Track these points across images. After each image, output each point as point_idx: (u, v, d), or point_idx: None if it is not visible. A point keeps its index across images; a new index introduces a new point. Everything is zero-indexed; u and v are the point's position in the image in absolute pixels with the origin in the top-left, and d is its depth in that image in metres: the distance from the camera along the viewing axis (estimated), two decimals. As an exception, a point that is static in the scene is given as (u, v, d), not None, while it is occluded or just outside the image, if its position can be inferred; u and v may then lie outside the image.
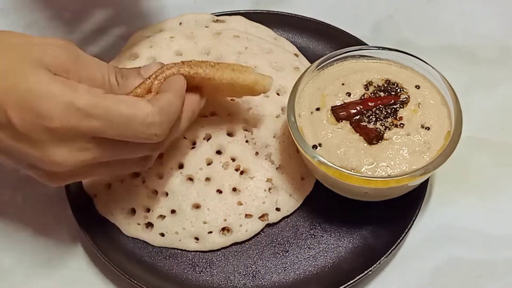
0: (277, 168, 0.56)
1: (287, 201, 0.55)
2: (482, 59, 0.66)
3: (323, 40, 0.65)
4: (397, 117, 0.52)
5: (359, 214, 0.54)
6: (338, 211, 0.55)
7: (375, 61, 0.56)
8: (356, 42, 0.63)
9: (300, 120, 0.53)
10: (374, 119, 0.52)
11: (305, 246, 0.54)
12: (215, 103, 0.57)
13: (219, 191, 0.55)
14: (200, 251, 0.54)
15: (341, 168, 0.50)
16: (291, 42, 0.65)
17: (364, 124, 0.52)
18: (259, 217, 0.54)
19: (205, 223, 0.54)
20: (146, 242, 0.54)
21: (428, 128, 0.52)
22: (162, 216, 0.54)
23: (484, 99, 0.63)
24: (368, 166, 0.50)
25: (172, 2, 0.70)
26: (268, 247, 0.54)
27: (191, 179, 0.55)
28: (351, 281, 0.50)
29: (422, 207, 0.54)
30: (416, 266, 0.53)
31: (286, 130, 0.57)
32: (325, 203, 0.55)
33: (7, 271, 0.54)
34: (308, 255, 0.53)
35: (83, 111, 0.41)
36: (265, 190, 0.55)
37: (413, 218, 0.53)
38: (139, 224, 0.54)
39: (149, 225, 0.54)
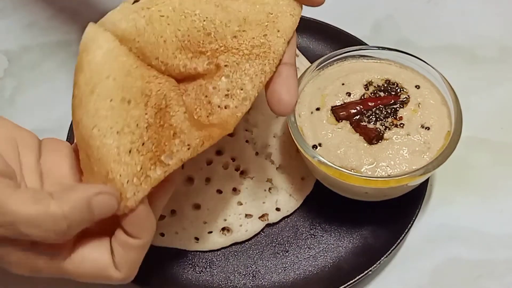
0: (277, 168, 0.56)
1: (287, 201, 0.55)
2: (482, 59, 0.66)
3: (323, 40, 0.65)
4: (397, 117, 0.52)
5: (359, 214, 0.54)
6: (338, 211, 0.55)
7: (375, 61, 0.56)
8: (356, 42, 0.63)
9: (300, 120, 0.53)
10: (374, 119, 0.52)
11: (305, 246, 0.54)
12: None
13: (219, 191, 0.55)
14: (200, 251, 0.54)
15: (341, 168, 0.50)
16: (291, 42, 0.65)
17: (364, 124, 0.52)
18: (259, 217, 0.54)
19: (205, 223, 0.54)
20: (146, 242, 0.54)
21: (428, 128, 0.52)
22: (162, 216, 0.54)
23: (484, 99, 0.63)
24: (368, 166, 0.50)
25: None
26: (268, 247, 0.54)
27: (191, 179, 0.55)
28: (351, 281, 0.50)
29: (422, 207, 0.54)
30: (416, 266, 0.53)
31: (286, 130, 0.57)
32: (325, 203, 0.55)
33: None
34: (308, 255, 0.53)
35: None
36: (265, 190, 0.55)
37: (413, 218, 0.53)
38: (139, 224, 0.54)
39: (149, 225, 0.54)
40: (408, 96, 0.53)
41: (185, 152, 0.40)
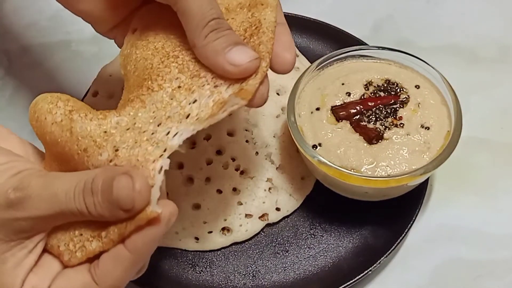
0: (277, 168, 0.56)
1: (287, 201, 0.55)
2: (482, 59, 0.66)
3: (323, 40, 0.65)
4: (397, 117, 0.52)
5: (359, 214, 0.54)
6: (338, 211, 0.55)
7: (375, 61, 0.56)
8: (356, 42, 0.63)
9: (300, 120, 0.53)
10: (374, 119, 0.52)
11: (305, 246, 0.54)
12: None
13: (219, 191, 0.55)
14: (200, 251, 0.54)
15: (341, 167, 0.50)
16: (291, 42, 0.65)
17: (364, 124, 0.52)
18: (259, 217, 0.54)
19: (205, 223, 0.54)
20: (146, 242, 0.54)
21: (428, 128, 0.52)
22: (162, 216, 0.54)
23: (484, 99, 0.63)
24: (368, 166, 0.50)
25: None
26: (268, 247, 0.54)
27: (191, 179, 0.55)
28: (351, 281, 0.50)
29: (422, 207, 0.54)
30: (416, 266, 0.53)
31: (286, 130, 0.57)
32: (325, 203, 0.55)
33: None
34: (308, 255, 0.53)
35: None
36: (265, 190, 0.55)
37: (413, 218, 0.53)
38: (139, 224, 0.54)
39: (149, 225, 0.54)
40: (408, 96, 0.53)
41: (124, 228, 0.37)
